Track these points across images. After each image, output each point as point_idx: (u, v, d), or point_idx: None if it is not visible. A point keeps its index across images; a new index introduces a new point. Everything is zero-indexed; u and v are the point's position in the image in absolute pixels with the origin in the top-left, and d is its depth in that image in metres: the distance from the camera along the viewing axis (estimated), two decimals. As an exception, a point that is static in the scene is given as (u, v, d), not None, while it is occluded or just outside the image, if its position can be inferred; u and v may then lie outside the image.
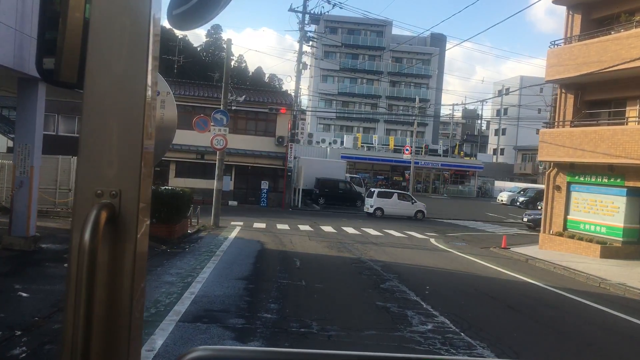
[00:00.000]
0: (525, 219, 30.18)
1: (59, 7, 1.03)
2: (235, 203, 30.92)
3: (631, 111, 19.04)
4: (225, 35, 78.93)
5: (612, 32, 19.15)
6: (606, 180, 18.91)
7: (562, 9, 21.66)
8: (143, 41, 1.01)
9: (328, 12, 37.91)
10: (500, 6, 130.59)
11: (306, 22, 34.43)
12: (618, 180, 18.43)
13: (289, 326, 7.93)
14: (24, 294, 8.42)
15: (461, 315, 9.26)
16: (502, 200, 48.73)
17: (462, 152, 70.74)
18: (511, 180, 61.48)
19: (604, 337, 9.32)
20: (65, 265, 5.82)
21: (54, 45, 1.05)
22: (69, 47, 1.03)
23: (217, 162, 21.42)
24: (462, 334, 8.15)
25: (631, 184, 18.03)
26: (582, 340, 8.93)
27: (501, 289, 12.52)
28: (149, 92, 1.03)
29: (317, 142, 51.86)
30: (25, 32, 10.58)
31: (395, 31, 78.10)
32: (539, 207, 39.23)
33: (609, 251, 18.32)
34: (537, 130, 57.05)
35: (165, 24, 1.44)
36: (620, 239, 18.51)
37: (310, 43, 37.17)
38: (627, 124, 18.23)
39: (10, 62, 10.21)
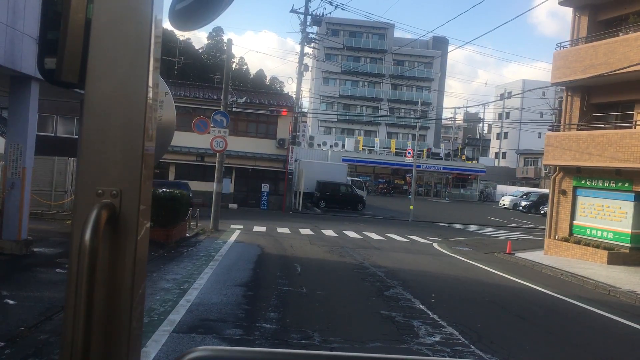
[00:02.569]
0: None
1: (61, 8, 1.03)
2: (235, 206, 30.53)
3: (639, 114, 18.64)
4: (226, 38, 78.66)
5: (620, 34, 18.79)
6: (613, 185, 18.51)
7: (565, 12, 21.39)
8: (145, 42, 1.01)
9: (330, 13, 37.47)
10: (503, 9, 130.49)
11: (308, 23, 34.08)
12: (626, 185, 18.03)
13: (290, 337, 7.52)
14: (11, 302, 8.01)
15: (470, 326, 8.85)
16: (504, 205, 48.35)
17: (463, 156, 70.42)
18: (513, 184, 61.19)
19: (620, 349, 8.91)
20: (57, 270, 5.46)
21: (56, 45, 1.05)
22: (70, 47, 1.03)
23: (216, 165, 21.05)
24: (472, 346, 7.74)
25: (639, 188, 17.63)
26: (598, 353, 8.52)
27: (509, 296, 12.11)
28: (150, 94, 1.02)
29: (319, 145, 51.54)
30: (17, 28, 10.20)
31: (397, 34, 77.78)
32: (542, 212, 38.89)
33: (616, 257, 17.91)
34: (540, 134, 57.04)
35: (167, 25, 1.39)
36: (628, 245, 18.09)
37: (312, 45, 36.81)
38: (635, 128, 17.84)
39: (1, 59, 9.82)
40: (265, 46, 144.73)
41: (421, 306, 10.06)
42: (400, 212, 34.46)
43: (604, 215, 19.06)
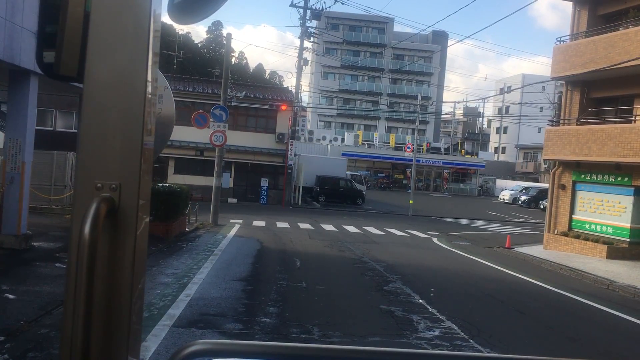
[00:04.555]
0: None
1: (60, 1, 1.02)
2: (234, 200, 30.53)
3: (639, 109, 18.62)
4: (225, 32, 78.46)
5: (620, 28, 18.75)
6: (613, 180, 18.51)
7: (567, 4, 21.26)
8: (144, 36, 1.01)
9: (329, 8, 37.41)
10: (502, 2, 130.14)
11: (307, 17, 34.01)
12: (625, 180, 18.03)
13: (289, 332, 7.54)
14: (11, 296, 8.02)
15: (469, 320, 8.87)
16: (503, 199, 48.40)
17: (463, 150, 70.39)
18: (513, 178, 61.19)
19: (619, 343, 8.94)
20: (57, 264, 5.47)
21: (55, 38, 1.04)
22: (69, 40, 1.02)
23: (216, 159, 21.03)
24: (471, 340, 7.76)
25: (639, 183, 17.63)
26: (597, 347, 8.54)
27: (508, 291, 12.14)
28: (149, 88, 1.02)
29: (318, 140, 51.47)
30: (16, 22, 10.17)
31: (396, 28, 77.71)
32: (542, 206, 38.88)
33: (615, 252, 17.93)
34: (539, 128, 57.02)
35: (166, 19, 1.40)
36: (627, 240, 18.11)
37: (312, 39, 36.75)
38: (635, 122, 17.82)
39: (0, 53, 9.79)
40: (264, 40, 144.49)
41: (420, 300, 10.08)
42: (400, 207, 34.48)
43: (603, 209, 19.07)
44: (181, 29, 56.75)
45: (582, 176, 19.74)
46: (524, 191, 47.47)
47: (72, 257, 0.93)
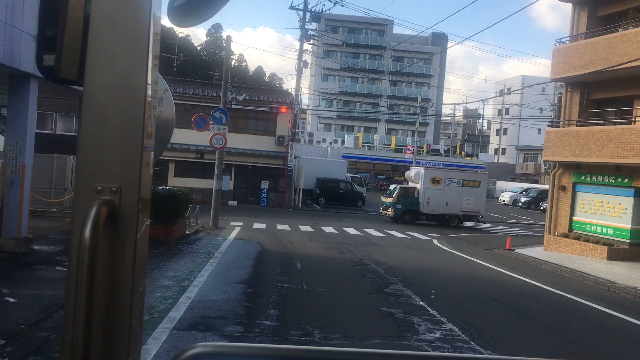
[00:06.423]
0: None
1: (59, 4, 1.03)
2: (235, 203, 30.53)
3: (639, 110, 18.62)
4: (225, 35, 78.49)
5: (620, 30, 18.78)
6: (613, 181, 18.51)
7: (566, 5, 21.28)
8: (143, 39, 1.01)
9: (329, 10, 37.55)
10: (502, 4, 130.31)
11: (307, 20, 34.07)
12: (625, 181, 18.03)
13: (290, 334, 7.53)
14: (11, 299, 8.01)
15: (470, 322, 8.86)
16: (504, 201, 48.43)
17: (463, 152, 70.41)
18: (513, 180, 61.17)
19: (620, 345, 8.92)
20: (57, 268, 5.48)
21: (55, 42, 1.04)
22: (69, 44, 1.02)
23: (216, 162, 21.03)
24: (472, 342, 7.75)
25: (639, 184, 17.63)
26: (597, 349, 8.54)
27: (509, 292, 12.13)
28: (149, 91, 1.03)
29: (318, 142, 51.50)
30: (16, 25, 10.18)
31: (396, 30, 77.78)
32: (542, 208, 38.90)
33: (616, 253, 17.93)
34: (539, 130, 56.99)
35: (166, 22, 1.40)
36: (628, 241, 18.11)
37: (311, 41, 36.82)
38: (634, 123, 17.82)
39: (0, 57, 9.80)
40: (264, 43, 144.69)
41: (421, 302, 10.07)
42: (400, 209, 34.39)
43: (603, 211, 19.06)
44: (181, 31, 56.86)
45: (582, 177, 19.74)
46: (524, 193, 47.49)
47: (73, 260, 0.93)
